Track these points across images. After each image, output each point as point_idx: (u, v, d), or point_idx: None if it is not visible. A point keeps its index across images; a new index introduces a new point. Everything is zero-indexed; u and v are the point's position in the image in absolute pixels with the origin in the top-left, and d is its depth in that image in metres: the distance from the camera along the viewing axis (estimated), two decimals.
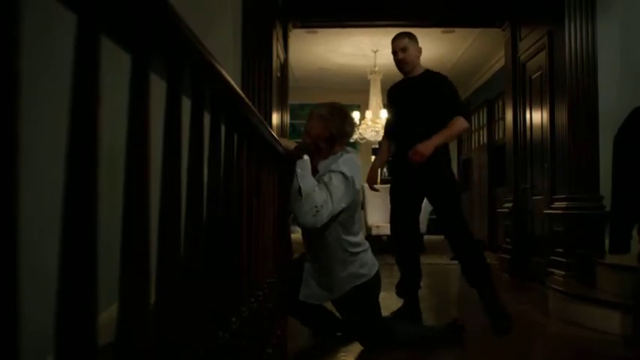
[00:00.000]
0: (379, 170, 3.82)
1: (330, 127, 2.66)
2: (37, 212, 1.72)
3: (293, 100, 7.21)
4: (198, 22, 2.54)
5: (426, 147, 3.12)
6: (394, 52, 3.43)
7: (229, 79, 1.08)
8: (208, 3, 3.69)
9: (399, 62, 3.42)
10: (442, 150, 3.31)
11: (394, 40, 3.44)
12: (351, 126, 2.77)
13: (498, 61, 7.86)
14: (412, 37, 3.44)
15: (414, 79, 3.43)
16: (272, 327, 2.05)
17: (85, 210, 0.56)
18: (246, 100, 1.30)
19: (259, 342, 1.70)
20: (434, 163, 3.24)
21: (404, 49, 3.38)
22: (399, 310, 3.38)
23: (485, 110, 8.82)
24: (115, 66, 0.98)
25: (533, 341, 3.18)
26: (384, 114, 8.17)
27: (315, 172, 2.69)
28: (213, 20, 3.70)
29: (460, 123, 3.26)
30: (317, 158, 2.72)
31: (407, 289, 3.40)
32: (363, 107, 9.76)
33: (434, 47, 8.11)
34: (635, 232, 3.46)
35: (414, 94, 3.38)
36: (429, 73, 3.45)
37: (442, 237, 3.70)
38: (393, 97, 3.57)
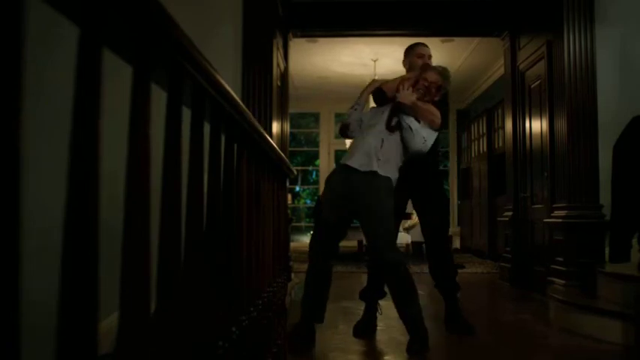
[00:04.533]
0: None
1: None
2: (39, 219, 1.72)
3: (293, 108, 7.23)
4: (199, 31, 2.56)
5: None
6: (422, 56, 3.56)
7: (229, 89, 1.08)
8: (209, 13, 3.71)
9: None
10: (437, 168, 3.62)
11: (422, 46, 3.64)
12: None
13: (498, 69, 7.89)
14: None
15: None
16: (272, 336, 2.05)
17: (86, 218, 0.57)
18: (247, 109, 1.31)
19: (259, 351, 1.70)
20: (429, 179, 3.50)
21: (430, 58, 3.61)
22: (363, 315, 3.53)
23: (484, 119, 8.83)
24: (116, 72, 0.99)
25: (534, 351, 3.17)
26: None
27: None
28: (214, 30, 3.72)
29: (437, 114, 3.21)
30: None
31: (371, 294, 3.53)
32: None
33: (433, 56, 8.10)
34: (635, 241, 3.46)
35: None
36: None
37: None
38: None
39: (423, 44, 3.67)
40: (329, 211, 3.12)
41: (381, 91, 3.38)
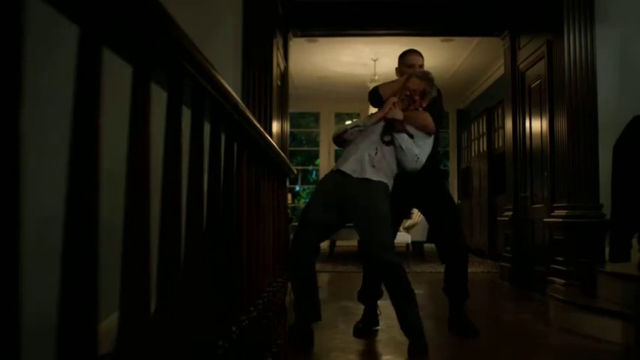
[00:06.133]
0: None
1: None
2: (39, 218, 1.72)
3: (293, 108, 7.24)
4: (199, 31, 2.56)
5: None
6: (412, 66, 3.53)
7: (229, 88, 1.08)
8: (209, 13, 3.71)
9: None
10: (438, 167, 3.59)
11: (413, 55, 3.58)
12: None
13: (498, 69, 7.89)
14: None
15: None
16: (272, 336, 2.05)
17: (86, 218, 0.57)
18: (246, 109, 1.31)
19: (259, 351, 1.70)
20: (430, 179, 3.43)
21: (421, 66, 3.57)
22: (363, 316, 3.52)
23: (484, 118, 8.83)
24: (116, 72, 0.99)
25: (534, 351, 3.17)
26: None
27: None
28: (214, 29, 3.72)
29: (428, 119, 3.21)
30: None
31: (369, 296, 3.54)
32: (362, 116, 9.78)
33: (433, 56, 8.14)
34: (635, 241, 3.46)
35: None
36: None
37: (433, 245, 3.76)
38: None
39: (415, 52, 3.63)
40: (319, 211, 3.07)
41: (377, 92, 3.38)
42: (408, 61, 3.58)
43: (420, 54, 3.63)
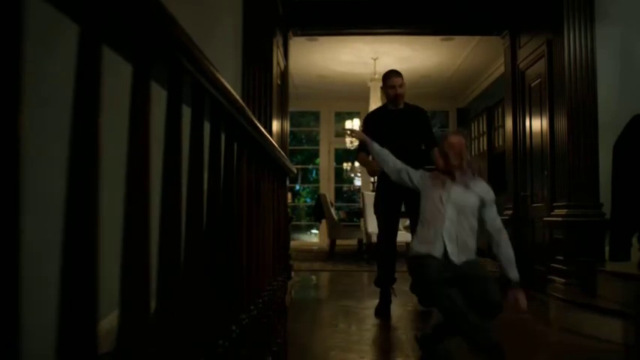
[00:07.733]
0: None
1: None
2: (39, 216, 1.72)
3: (293, 107, 7.23)
4: (199, 31, 2.55)
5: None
6: (392, 87, 4.03)
7: (229, 87, 1.08)
8: (209, 12, 3.71)
9: (396, 96, 4.06)
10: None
11: (393, 77, 4.07)
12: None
13: (498, 68, 7.89)
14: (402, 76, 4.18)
15: (399, 110, 4.12)
16: (272, 335, 2.05)
17: (86, 218, 0.56)
18: (247, 108, 1.31)
19: (259, 350, 1.70)
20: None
21: (401, 86, 4.06)
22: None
23: (484, 117, 8.83)
24: (116, 70, 0.99)
25: (534, 351, 3.17)
26: None
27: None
28: (214, 28, 3.72)
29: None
30: None
31: (386, 282, 4.05)
32: (362, 115, 9.77)
33: (433, 55, 8.14)
34: (635, 240, 3.46)
35: (402, 122, 4.07)
36: (408, 106, 4.19)
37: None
38: (377, 122, 4.13)
39: (394, 74, 4.10)
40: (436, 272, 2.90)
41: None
42: (388, 82, 4.08)
43: (399, 74, 4.11)
